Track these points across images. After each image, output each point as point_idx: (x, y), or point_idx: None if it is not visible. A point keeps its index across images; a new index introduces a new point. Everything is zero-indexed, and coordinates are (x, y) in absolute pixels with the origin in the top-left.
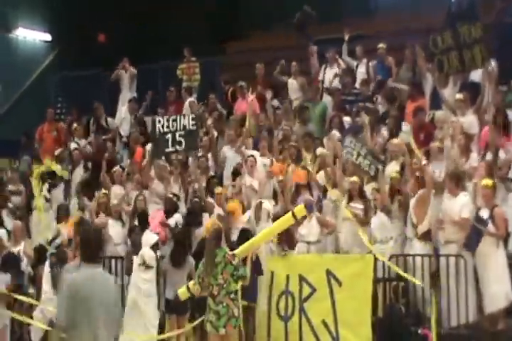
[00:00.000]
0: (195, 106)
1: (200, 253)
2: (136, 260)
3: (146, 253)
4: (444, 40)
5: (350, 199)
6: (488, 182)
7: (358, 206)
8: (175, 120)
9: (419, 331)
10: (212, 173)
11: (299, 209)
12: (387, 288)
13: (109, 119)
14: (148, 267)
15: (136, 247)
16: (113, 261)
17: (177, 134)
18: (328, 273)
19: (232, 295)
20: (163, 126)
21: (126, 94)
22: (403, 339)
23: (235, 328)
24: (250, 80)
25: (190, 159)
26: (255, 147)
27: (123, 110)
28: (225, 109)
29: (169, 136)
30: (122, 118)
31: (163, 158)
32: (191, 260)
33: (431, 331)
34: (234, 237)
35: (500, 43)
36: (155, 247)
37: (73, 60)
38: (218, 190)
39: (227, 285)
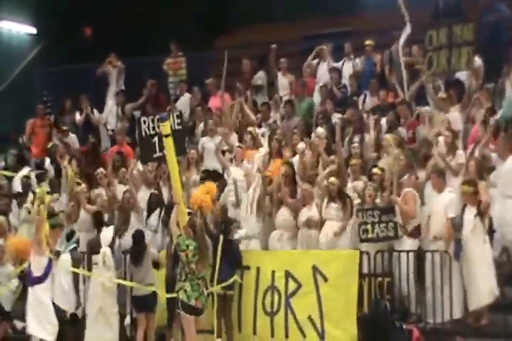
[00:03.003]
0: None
1: None
2: (97, 259)
3: (106, 252)
4: (439, 38)
5: (330, 199)
6: (465, 189)
7: (335, 206)
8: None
9: (404, 326)
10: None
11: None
12: (372, 283)
13: (96, 112)
14: (109, 266)
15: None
16: None
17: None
18: (314, 268)
19: (201, 279)
20: (148, 128)
21: (114, 88)
22: (388, 335)
23: (202, 306)
24: (237, 76)
25: None
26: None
27: (110, 104)
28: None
29: (155, 139)
30: (109, 111)
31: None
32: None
33: (416, 326)
34: None
35: (485, 41)
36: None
37: (59, 54)
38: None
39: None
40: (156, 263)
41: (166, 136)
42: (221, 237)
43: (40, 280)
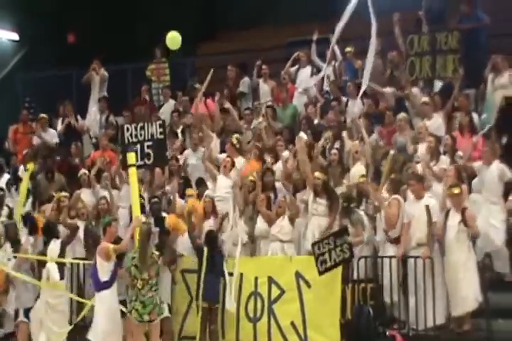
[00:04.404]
0: None
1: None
2: (43, 274)
3: (50, 268)
4: (421, 44)
5: (316, 195)
6: (454, 190)
7: (322, 202)
8: (142, 127)
9: (388, 333)
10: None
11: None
12: (356, 289)
13: (79, 119)
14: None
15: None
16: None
17: (145, 145)
18: (297, 274)
19: (154, 289)
20: (131, 135)
21: (97, 95)
22: None
23: (158, 316)
24: (221, 82)
25: None
26: (222, 148)
27: (93, 111)
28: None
29: (137, 147)
30: (92, 120)
31: None
32: None
33: (399, 333)
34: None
35: (465, 48)
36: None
37: (42, 60)
38: (189, 191)
39: (151, 281)
40: None
41: (130, 166)
42: (205, 249)
43: (107, 285)
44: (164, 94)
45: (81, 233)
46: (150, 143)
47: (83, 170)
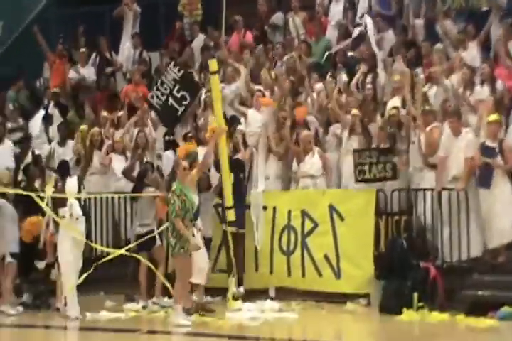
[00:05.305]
0: None
1: None
2: (64, 212)
3: (74, 204)
4: None
5: (351, 133)
6: (494, 117)
7: (357, 138)
8: (162, 83)
9: (421, 265)
10: None
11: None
12: (389, 222)
13: (113, 54)
14: (77, 219)
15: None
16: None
17: (174, 92)
18: (331, 208)
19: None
20: (158, 97)
21: (129, 31)
22: (404, 273)
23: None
24: (250, 16)
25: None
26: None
27: (126, 47)
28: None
29: (170, 100)
30: (125, 55)
31: None
32: None
33: (433, 265)
34: None
35: None
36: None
37: None
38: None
39: None
40: None
41: (212, 73)
42: (232, 176)
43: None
44: (193, 29)
45: (117, 166)
46: (177, 86)
47: (121, 112)
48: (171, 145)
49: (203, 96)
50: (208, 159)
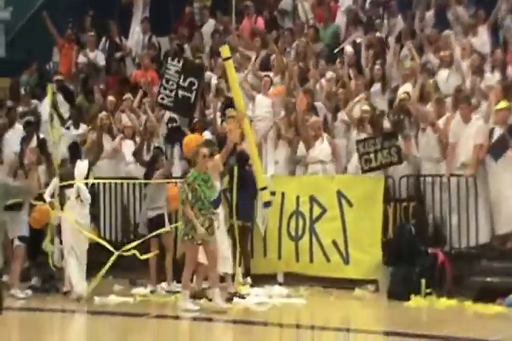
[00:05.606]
0: None
1: None
2: (70, 193)
3: (81, 187)
4: None
5: (361, 129)
6: (503, 104)
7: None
8: (167, 80)
9: (430, 251)
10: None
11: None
12: (398, 208)
13: (123, 39)
14: (83, 201)
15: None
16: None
17: (181, 83)
18: (339, 193)
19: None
20: (168, 96)
21: (139, 16)
22: (413, 259)
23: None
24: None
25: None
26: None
27: (135, 31)
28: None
29: (180, 92)
30: (134, 40)
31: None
32: None
33: (441, 251)
34: None
35: None
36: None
37: None
38: (230, 112)
39: None
40: None
41: (226, 59)
42: (235, 168)
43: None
44: (203, 14)
45: (126, 151)
46: (182, 76)
47: (128, 95)
48: (175, 132)
49: (215, 82)
50: (230, 145)
